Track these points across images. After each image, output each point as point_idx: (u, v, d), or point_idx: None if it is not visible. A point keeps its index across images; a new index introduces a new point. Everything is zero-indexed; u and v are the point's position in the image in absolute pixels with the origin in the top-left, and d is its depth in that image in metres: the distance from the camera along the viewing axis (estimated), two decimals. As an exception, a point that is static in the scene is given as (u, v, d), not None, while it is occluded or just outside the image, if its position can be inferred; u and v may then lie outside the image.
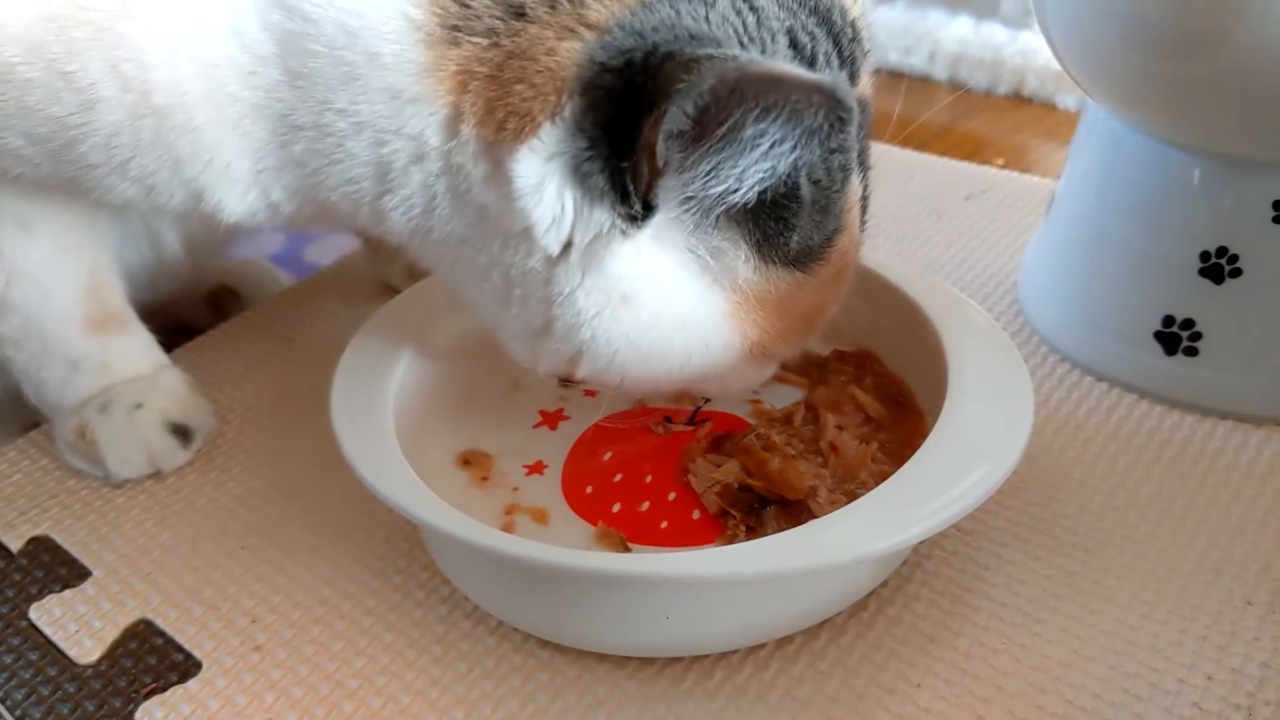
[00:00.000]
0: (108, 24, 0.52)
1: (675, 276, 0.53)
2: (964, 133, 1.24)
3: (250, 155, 0.55)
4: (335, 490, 0.66)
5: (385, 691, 0.55)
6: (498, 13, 0.49)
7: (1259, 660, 0.54)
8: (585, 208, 0.50)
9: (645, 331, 0.54)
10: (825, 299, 0.59)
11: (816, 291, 0.57)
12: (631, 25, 0.48)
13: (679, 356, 0.55)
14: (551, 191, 0.50)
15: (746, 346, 0.56)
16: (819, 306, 0.59)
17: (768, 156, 0.48)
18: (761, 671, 0.55)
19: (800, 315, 0.57)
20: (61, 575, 0.62)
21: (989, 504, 0.52)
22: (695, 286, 0.54)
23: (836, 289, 0.59)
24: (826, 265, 0.56)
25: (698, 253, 0.53)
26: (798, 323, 0.58)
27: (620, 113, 0.48)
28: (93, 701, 0.55)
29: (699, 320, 0.55)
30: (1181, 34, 0.60)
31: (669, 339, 0.55)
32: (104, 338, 0.68)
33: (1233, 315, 0.67)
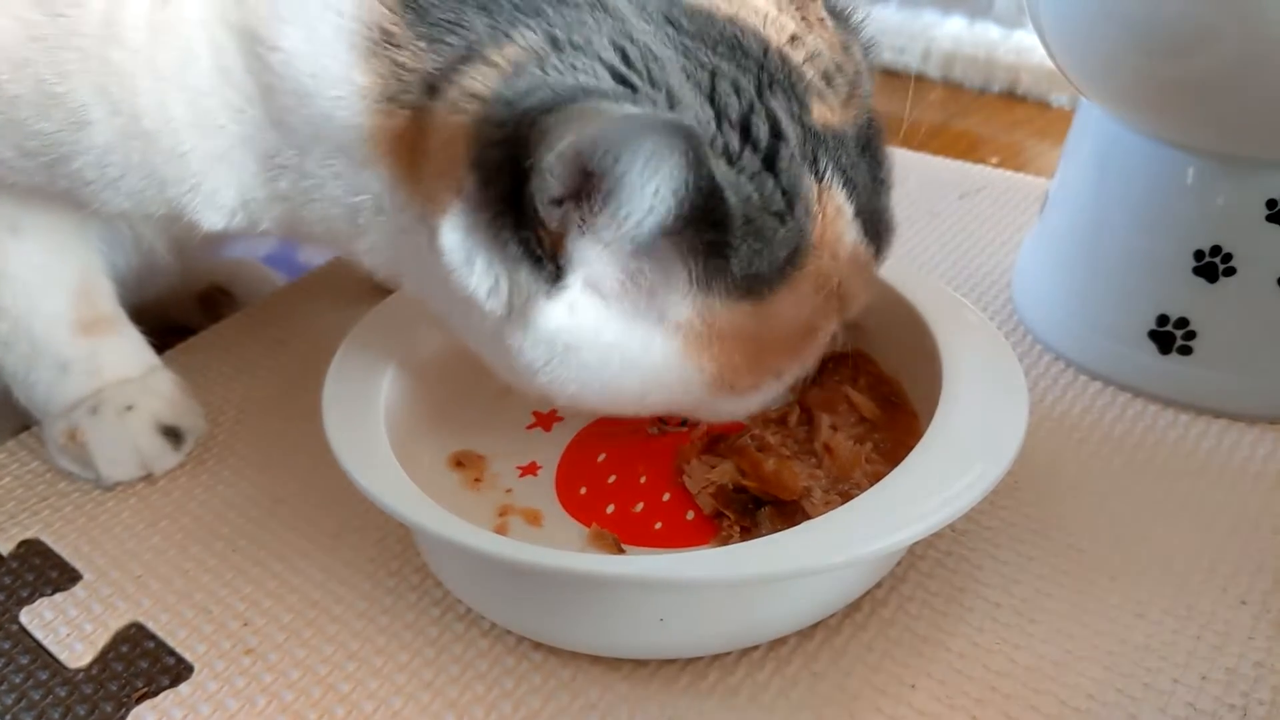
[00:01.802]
0: (97, 50, 0.53)
1: (614, 322, 0.52)
2: (958, 131, 1.23)
3: (237, 185, 0.56)
4: (327, 492, 0.66)
5: (377, 695, 0.54)
6: (418, 87, 0.50)
7: (1253, 660, 0.54)
8: (511, 273, 0.50)
9: (596, 374, 0.53)
10: (807, 324, 0.56)
11: (787, 318, 0.55)
12: (504, 95, 0.48)
13: (635, 393, 0.55)
14: (480, 261, 0.50)
15: (708, 380, 0.55)
16: (799, 332, 0.56)
17: (654, 194, 0.47)
18: (755, 673, 0.54)
19: (773, 343, 0.55)
20: (52, 578, 0.62)
21: (983, 504, 0.52)
22: (637, 328, 0.53)
23: (823, 312, 0.56)
24: (793, 290, 0.54)
25: (633, 296, 0.52)
26: (772, 351, 0.56)
27: (513, 183, 0.47)
28: (84, 706, 0.55)
29: (648, 360, 0.53)
30: (1175, 33, 0.60)
31: (621, 379, 0.54)
32: (94, 340, 0.68)
33: (1227, 314, 0.67)
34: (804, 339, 0.57)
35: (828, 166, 0.54)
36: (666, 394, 0.55)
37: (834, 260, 0.55)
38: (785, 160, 0.52)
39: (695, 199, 0.47)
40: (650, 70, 0.50)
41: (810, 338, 0.57)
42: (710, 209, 0.49)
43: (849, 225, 0.56)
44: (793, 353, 0.57)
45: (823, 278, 0.54)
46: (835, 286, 0.55)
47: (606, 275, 0.51)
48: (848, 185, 0.55)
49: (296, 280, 0.92)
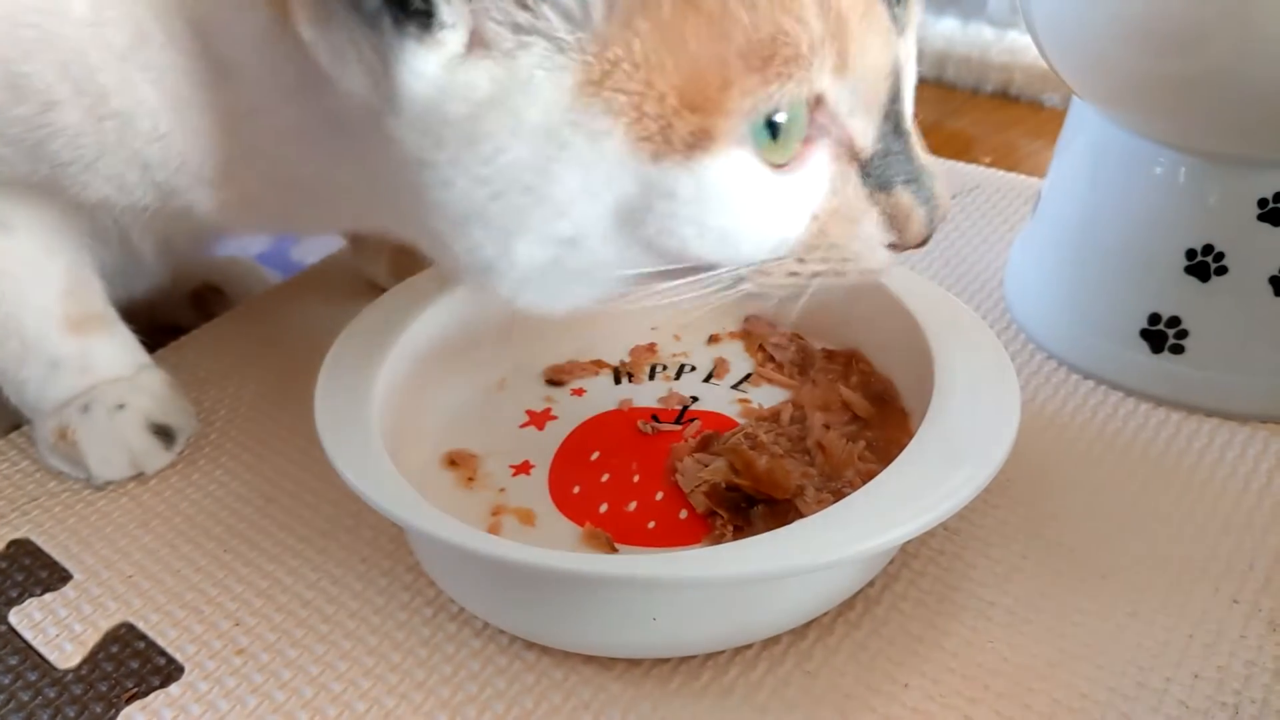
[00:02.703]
0: (52, 27, 0.52)
1: (501, 68, 0.44)
2: (951, 131, 1.24)
3: (215, 153, 0.55)
4: (319, 492, 0.66)
5: (369, 695, 0.54)
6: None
7: (1245, 658, 0.54)
8: (383, 41, 0.44)
9: (498, 154, 0.45)
10: (768, 30, 0.43)
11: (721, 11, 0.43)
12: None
13: (535, 168, 0.45)
14: (340, 38, 0.46)
15: (629, 120, 0.43)
16: (752, 37, 0.43)
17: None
18: (748, 672, 0.54)
19: (712, 46, 0.43)
20: (42, 578, 0.62)
21: (976, 502, 0.52)
22: (525, 66, 0.44)
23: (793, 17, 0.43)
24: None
25: (509, 31, 0.43)
26: (714, 66, 0.43)
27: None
28: (74, 706, 0.55)
29: (545, 104, 0.44)
30: (1167, 32, 0.60)
31: (526, 152, 0.44)
32: (84, 338, 0.68)
33: (1218, 313, 0.67)
34: (770, 42, 0.43)
35: None
36: (583, 161, 0.44)
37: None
38: None
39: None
40: None
41: (781, 44, 0.43)
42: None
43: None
44: (752, 60, 0.43)
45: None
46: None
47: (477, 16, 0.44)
48: None
49: (289, 279, 0.92)
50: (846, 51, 0.45)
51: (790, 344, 0.72)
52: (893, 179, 0.50)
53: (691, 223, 0.46)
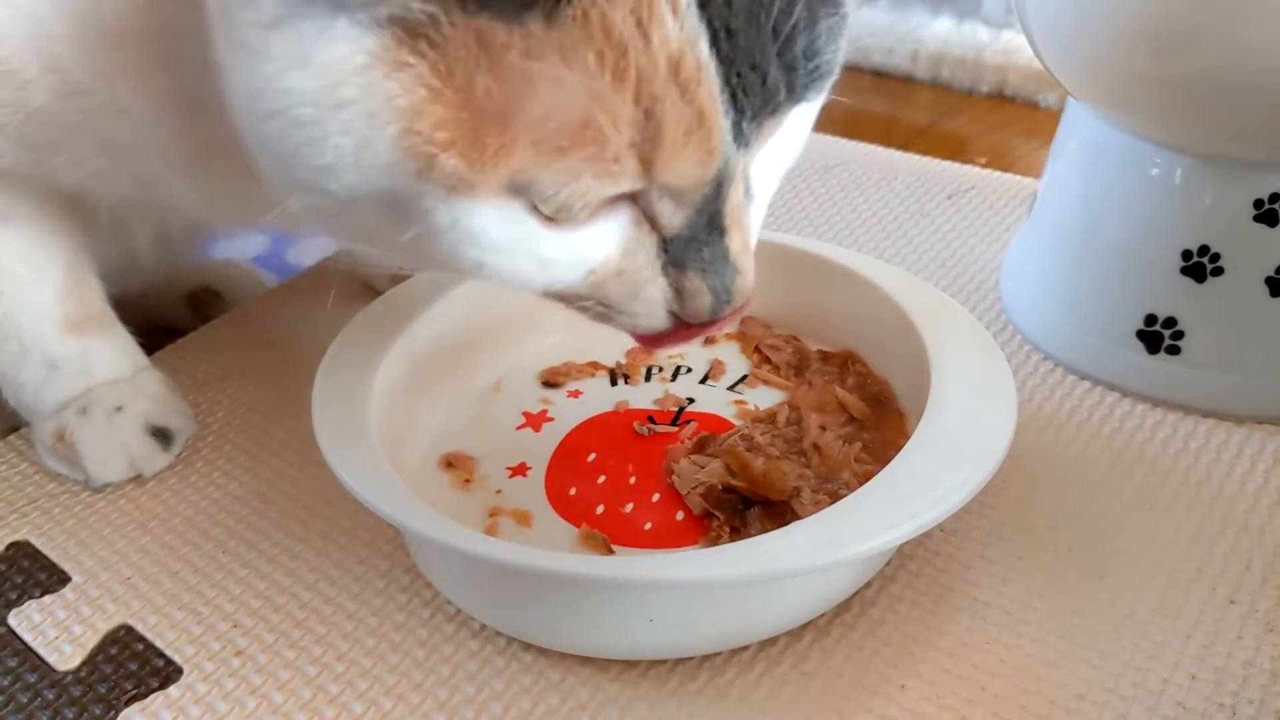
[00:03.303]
0: (23, 5, 0.51)
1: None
2: (946, 132, 1.24)
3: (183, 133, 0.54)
4: (317, 493, 0.66)
5: (367, 696, 0.54)
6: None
7: (1242, 659, 0.54)
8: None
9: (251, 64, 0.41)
10: (579, 110, 0.39)
11: (538, 75, 0.38)
12: None
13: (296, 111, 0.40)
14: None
15: (403, 127, 0.39)
16: (562, 116, 0.39)
17: None
18: (745, 673, 0.54)
19: (514, 109, 0.39)
20: (41, 580, 0.62)
21: (972, 503, 0.52)
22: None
23: (609, 115, 0.39)
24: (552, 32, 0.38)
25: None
26: (511, 121, 0.39)
27: None
28: (73, 709, 0.55)
29: (318, 62, 0.39)
30: (1162, 33, 0.60)
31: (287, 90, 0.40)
32: (83, 339, 0.68)
33: (1215, 314, 0.67)
34: (570, 131, 0.39)
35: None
36: (349, 134, 0.40)
37: (642, 45, 0.38)
38: None
39: None
40: None
41: (581, 137, 0.39)
42: None
43: (677, 17, 0.39)
44: (546, 150, 0.40)
45: (607, 50, 0.38)
46: (636, 107, 0.39)
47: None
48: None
49: (286, 281, 0.92)
50: (654, 162, 0.41)
51: (786, 345, 0.72)
52: (689, 262, 0.46)
53: (447, 249, 0.43)
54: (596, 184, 0.41)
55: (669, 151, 0.41)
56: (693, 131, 0.41)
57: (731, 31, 0.40)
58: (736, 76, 0.41)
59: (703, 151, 0.42)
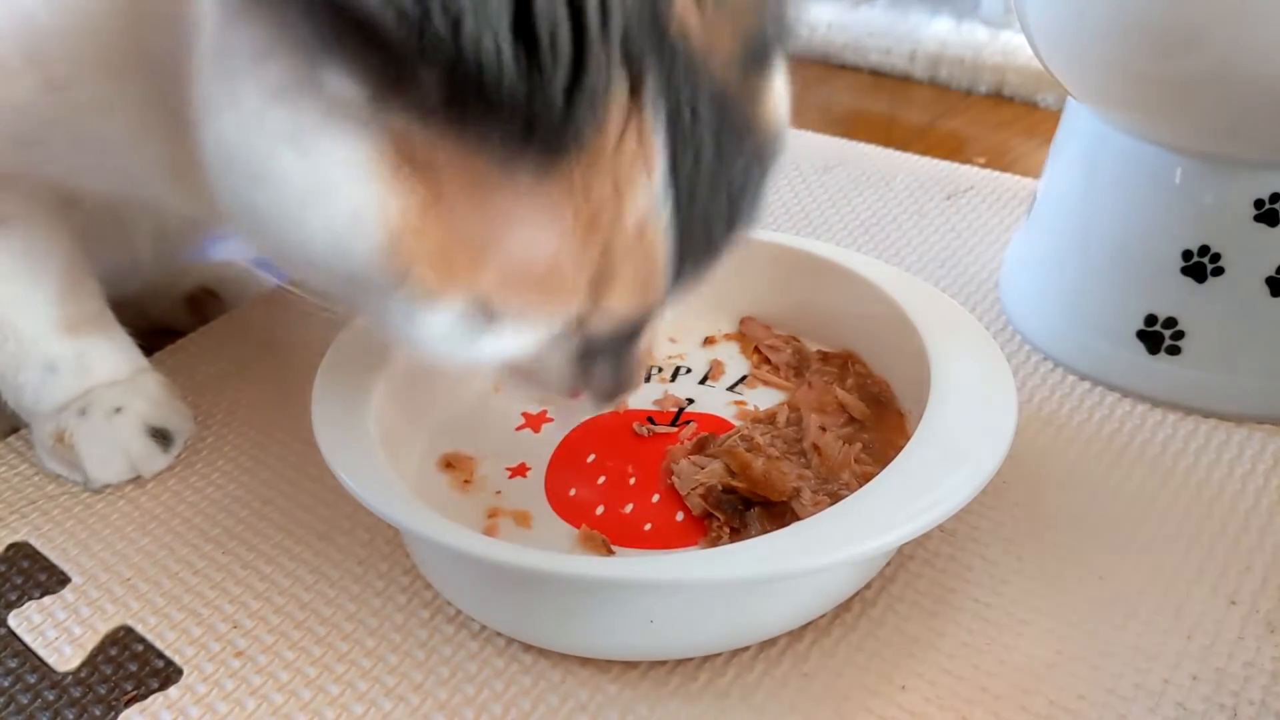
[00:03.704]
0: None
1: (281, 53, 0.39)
2: (945, 132, 1.24)
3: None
4: (316, 494, 0.66)
5: (367, 697, 0.54)
6: None
7: (1243, 660, 0.54)
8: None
9: (246, 131, 0.41)
10: (546, 260, 0.42)
11: (520, 219, 0.40)
12: None
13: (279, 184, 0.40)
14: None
15: (385, 233, 0.40)
16: (530, 260, 0.41)
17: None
18: (745, 674, 0.54)
19: (490, 244, 0.41)
20: (41, 581, 0.62)
21: (972, 504, 0.52)
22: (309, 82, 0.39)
23: (571, 267, 0.42)
24: (539, 183, 0.40)
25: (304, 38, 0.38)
26: (485, 255, 0.41)
27: None
28: (73, 709, 0.55)
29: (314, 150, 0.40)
30: (1162, 33, 0.60)
31: (275, 162, 0.40)
32: (81, 340, 0.67)
33: (1215, 314, 0.67)
34: (536, 270, 0.42)
35: (654, 87, 0.40)
36: (330, 224, 0.40)
37: (616, 209, 0.41)
38: (592, 16, 0.38)
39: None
40: None
41: (544, 276, 0.42)
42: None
43: (650, 186, 0.41)
44: (511, 281, 0.42)
45: (585, 209, 0.41)
46: (598, 256, 0.42)
47: None
48: (676, 136, 0.41)
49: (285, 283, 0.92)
50: (600, 300, 0.44)
51: (786, 346, 0.72)
52: (598, 361, 0.51)
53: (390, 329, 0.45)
54: (545, 311, 0.44)
55: (617, 293, 0.44)
56: (642, 281, 0.44)
57: (694, 196, 0.43)
58: (689, 234, 0.44)
59: (646, 295, 0.45)
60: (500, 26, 0.36)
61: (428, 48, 0.36)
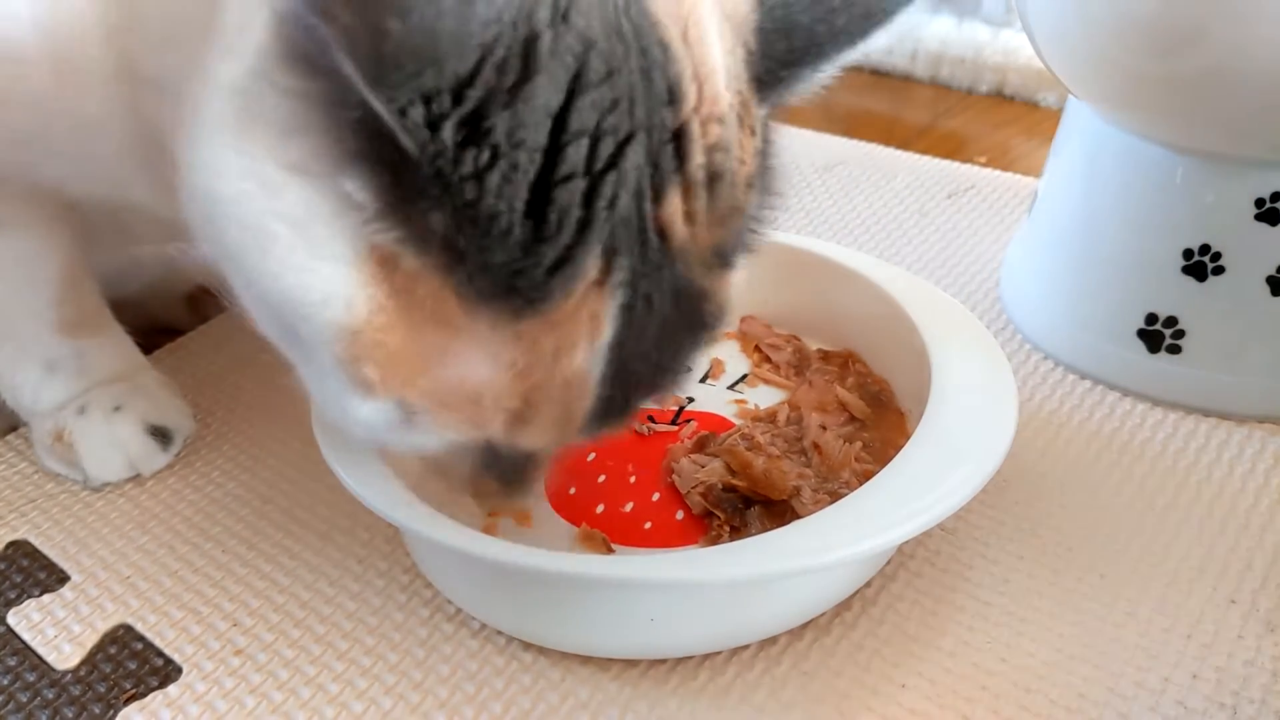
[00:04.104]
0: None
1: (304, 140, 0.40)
2: (946, 131, 1.23)
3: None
4: (316, 493, 0.66)
5: (366, 695, 0.54)
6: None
7: (1243, 659, 0.54)
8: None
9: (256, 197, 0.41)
10: (479, 386, 0.44)
11: (476, 346, 0.43)
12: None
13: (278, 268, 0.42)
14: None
15: (347, 323, 0.42)
16: (470, 383, 0.44)
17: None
18: (745, 672, 0.54)
19: (449, 358, 0.43)
20: (40, 579, 0.62)
21: (972, 503, 0.52)
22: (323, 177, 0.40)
23: (509, 383, 0.44)
24: (500, 325, 0.42)
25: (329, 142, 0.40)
26: (441, 367, 0.44)
27: None
28: (72, 707, 0.55)
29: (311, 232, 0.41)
30: (1163, 32, 0.60)
31: (271, 232, 0.42)
32: (80, 340, 0.67)
33: (1215, 313, 0.67)
34: (464, 395, 0.45)
35: (623, 270, 0.42)
36: (301, 296, 0.42)
37: (551, 366, 0.44)
38: (573, 200, 0.40)
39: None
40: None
41: (470, 402, 0.45)
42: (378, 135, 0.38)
43: (589, 352, 0.44)
44: (439, 397, 0.45)
45: (524, 359, 0.44)
46: (522, 397, 0.45)
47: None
48: (627, 318, 0.44)
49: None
50: (516, 434, 0.46)
51: (787, 345, 0.72)
52: (496, 467, 0.52)
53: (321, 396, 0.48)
54: (461, 428, 0.46)
55: (530, 429, 0.46)
56: (557, 423, 0.46)
57: (626, 367, 0.45)
58: (612, 396, 0.46)
59: (557, 435, 0.47)
60: (518, 202, 0.39)
61: (448, 194, 0.39)
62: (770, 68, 0.47)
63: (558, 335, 0.43)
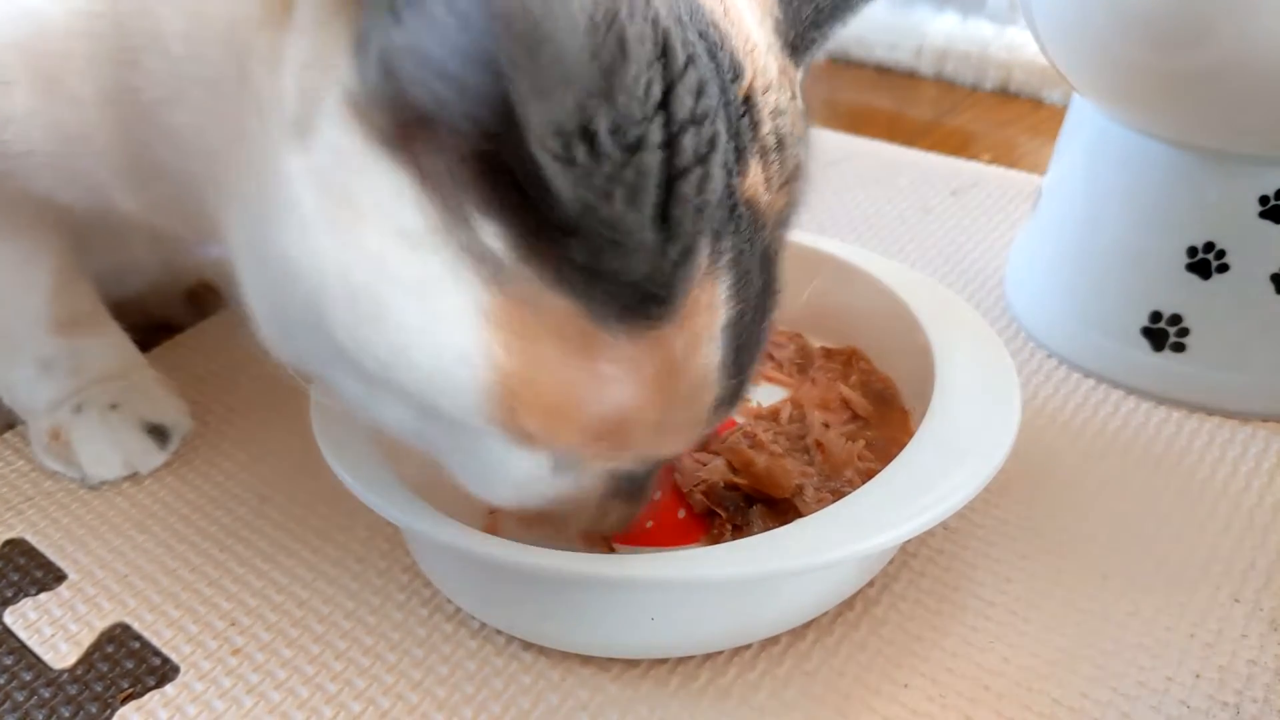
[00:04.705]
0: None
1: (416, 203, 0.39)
2: (951, 128, 1.23)
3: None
4: (315, 491, 0.65)
5: (365, 695, 0.54)
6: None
7: (1246, 657, 0.53)
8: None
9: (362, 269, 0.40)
10: (622, 414, 0.44)
11: (611, 375, 0.43)
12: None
13: (397, 339, 0.41)
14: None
15: (491, 392, 0.41)
16: (610, 412, 0.44)
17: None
18: (747, 673, 0.54)
19: (585, 394, 0.43)
20: (37, 578, 0.62)
21: (976, 501, 0.52)
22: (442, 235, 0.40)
23: (652, 394, 0.44)
24: (635, 342, 0.42)
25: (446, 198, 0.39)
26: (579, 405, 0.43)
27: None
28: (69, 707, 0.54)
29: (434, 294, 0.40)
30: (1168, 28, 0.60)
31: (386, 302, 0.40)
32: (75, 338, 0.67)
33: (1220, 310, 0.67)
34: (610, 425, 0.44)
35: (727, 251, 0.43)
36: (434, 360, 0.41)
37: (680, 366, 0.44)
38: (692, 191, 0.40)
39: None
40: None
41: (615, 430, 0.44)
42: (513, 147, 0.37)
43: (712, 342, 0.44)
44: (594, 432, 0.44)
45: (662, 365, 0.43)
46: (662, 407, 0.45)
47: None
48: (735, 295, 0.44)
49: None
50: (654, 448, 0.48)
51: (789, 342, 0.72)
52: (620, 494, 0.51)
53: (459, 459, 0.47)
54: (612, 456, 0.47)
55: (671, 437, 0.47)
56: (688, 427, 0.47)
57: (739, 351, 0.46)
58: (727, 384, 0.46)
59: (686, 438, 0.48)
60: (648, 207, 0.39)
61: (585, 217, 0.38)
62: (800, 32, 0.49)
63: (686, 332, 0.43)
